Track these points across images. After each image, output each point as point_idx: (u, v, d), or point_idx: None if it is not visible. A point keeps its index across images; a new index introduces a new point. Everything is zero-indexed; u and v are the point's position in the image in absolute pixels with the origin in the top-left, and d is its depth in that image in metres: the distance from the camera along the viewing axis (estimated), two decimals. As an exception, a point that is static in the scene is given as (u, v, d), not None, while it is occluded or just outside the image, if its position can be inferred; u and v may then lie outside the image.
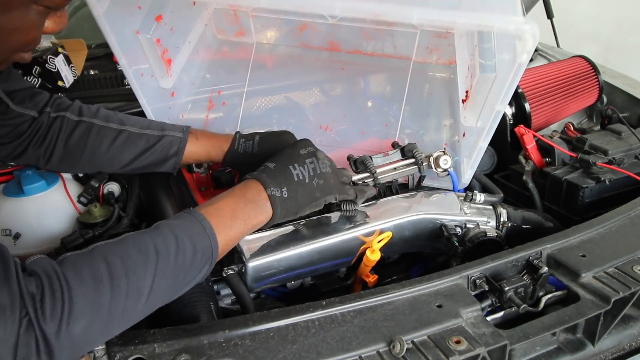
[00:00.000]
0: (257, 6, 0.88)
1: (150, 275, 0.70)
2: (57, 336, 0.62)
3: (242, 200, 0.85)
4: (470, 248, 1.02)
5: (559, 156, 1.30)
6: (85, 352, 0.69)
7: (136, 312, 0.70)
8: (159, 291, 0.72)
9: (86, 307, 0.64)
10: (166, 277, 0.72)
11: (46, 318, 0.61)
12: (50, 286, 0.63)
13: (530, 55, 0.86)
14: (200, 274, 0.78)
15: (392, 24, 1.33)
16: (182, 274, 0.75)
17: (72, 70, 1.63)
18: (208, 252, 0.78)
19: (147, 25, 1.11)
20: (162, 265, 0.71)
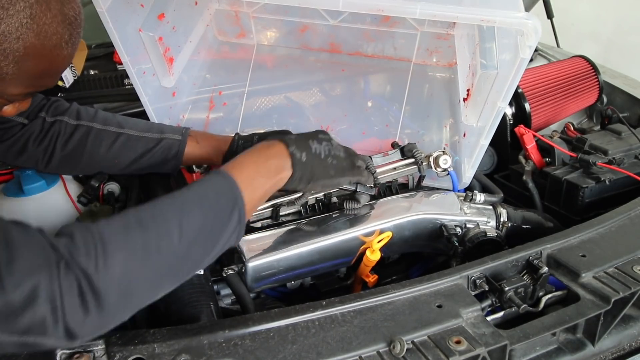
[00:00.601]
0: (262, 2, 0.88)
1: (177, 216, 0.71)
2: (96, 272, 0.62)
3: (264, 155, 0.87)
4: (470, 248, 1.02)
5: (559, 156, 1.30)
6: (137, 300, 0.69)
7: (174, 254, 0.70)
8: (191, 232, 0.72)
9: (118, 245, 0.65)
10: (194, 218, 0.73)
11: (81, 256, 0.62)
12: (81, 232, 0.64)
13: (532, 50, 0.87)
14: (231, 221, 0.77)
15: (392, 25, 1.33)
16: (210, 217, 0.75)
17: (72, 70, 1.63)
18: (231, 197, 0.78)
19: (150, 23, 1.12)
20: (187, 208, 0.73)
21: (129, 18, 1.07)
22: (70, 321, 0.61)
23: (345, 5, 0.86)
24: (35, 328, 0.60)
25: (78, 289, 0.61)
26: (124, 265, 0.65)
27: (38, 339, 0.61)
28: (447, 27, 1.33)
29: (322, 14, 1.30)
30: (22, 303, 0.58)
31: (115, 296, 0.64)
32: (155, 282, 0.70)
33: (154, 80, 1.19)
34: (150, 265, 0.68)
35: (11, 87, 0.69)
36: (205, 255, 0.75)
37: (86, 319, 0.63)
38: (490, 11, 0.84)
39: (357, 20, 1.33)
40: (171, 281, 0.72)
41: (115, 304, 0.65)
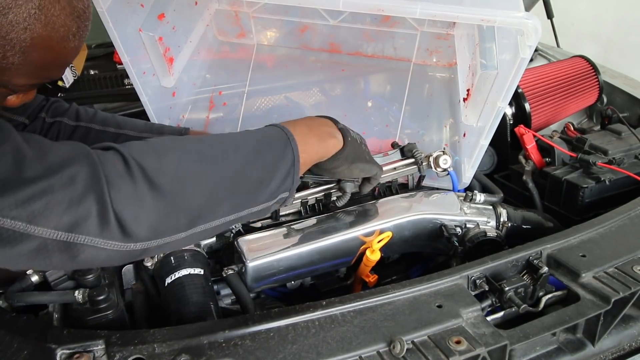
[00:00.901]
0: (262, 2, 0.88)
1: (231, 139, 0.73)
2: (148, 161, 0.61)
3: (317, 122, 0.88)
4: (470, 248, 1.02)
5: (559, 156, 1.30)
6: (193, 203, 0.66)
7: (229, 164, 0.70)
8: (246, 152, 0.72)
9: (172, 147, 0.66)
10: (248, 142, 0.73)
11: (132, 149, 0.62)
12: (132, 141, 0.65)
13: (532, 50, 0.87)
14: (286, 156, 0.76)
15: (392, 25, 1.33)
16: (264, 146, 0.75)
17: (72, 70, 1.63)
18: (284, 137, 0.78)
19: (150, 23, 1.12)
20: (241, 135, 0.74)
21: (129, 18, 1.07)
22: (120, 211, 0.58)
23: (345, 5, 0.86)
24: (81, 220, 0.57)
25: (128, 173, 0.59)
26: (178, 162, 0.63)
27: (87, 238, 0.58)
28: (447, 27, 1.33)
29: (322, 14, 1.30)
30: (63, 191, 0.56)
31: (171, 189, 0.62)
32: (213, 190, 0.68)
33: (154, 80, 1.19)
34: (205, 170, 0.67)
35: (16, 77, 0.68)
36: (262, 183, 0.73)
37: (140, 210, 0.60)
38: (490, 11, 0.84)
39: (357, 20, 1.33)
40: (228, 198, 0.70)
41: (172, 198, 0.62)
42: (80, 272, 0.88)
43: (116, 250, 0.61)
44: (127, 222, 0.59)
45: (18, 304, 0.85)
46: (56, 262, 0.59)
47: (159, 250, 0.66)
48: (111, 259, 0.62)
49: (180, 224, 0.65)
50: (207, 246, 1.01)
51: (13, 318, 0.77)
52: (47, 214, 0.55)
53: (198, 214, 0.67)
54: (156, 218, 0.62)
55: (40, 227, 0.55)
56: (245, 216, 0.74)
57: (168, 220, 0.64)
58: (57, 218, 0.56)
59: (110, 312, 0.85)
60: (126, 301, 0.95)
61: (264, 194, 0.74)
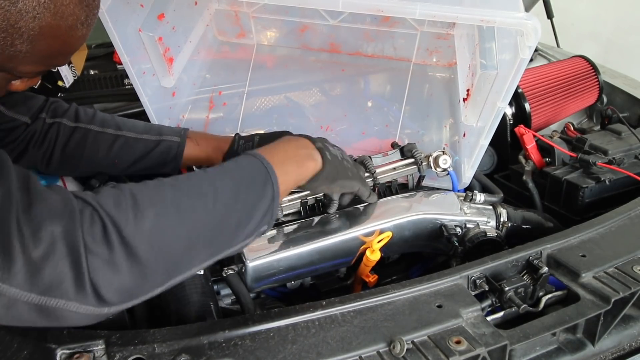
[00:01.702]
0: (262, 2, 0.88)
1: (209, 182, 0.71)
2: (126, 222, 0.59)
3: (294, 145, 0.87)
4: (470, 248, 1.02)
5: (559, 156, 1.30)
6: (171, 260, 0.64)
7: (207, 214, 0.68)
8: (225, 197, 0.70)
9: (151, 201, 0.63)
10: (226, 185, 0.71)
11: (110, 205, 0.59)
12: (108, 188, 0.63)
13: (532, 51, 0.87)
14: (265, 194, 0.74)
15: (392, 25, 1.33)
16: (243, 187, 0.73)
17: (72, 70, 1.63)
18: (263, 171, 0.76)
19: (150, 23, 1.12)
20: (219, 177, 0.72)
21: (128, 18, 1.07)
22: (96, 278, 0.57)
23: (345, 5, 0.86)
24: (56, 284, 0.55)
25: (105, 238, 0.58)
26: (156, 220, 0.62)
27: (61, 301, 0.56)
28: (447, 27, 1.33)
29: (322, 14, 1.30)
30: (41, 252, 0.55)
31: (148, 252, 0.61)
32: (190, 243, 0.66)
33: (153, 80, 1.19)
34: (183, 223, 0.65)
35: (23, 64, 0.68)
36: (240, 226, 0.72)
37: (115, 276, 0.59)
38: (490, 11, 0.84)
39: (357, 20, 1.33)
40: (206, 247, 0.69)
41: (148, 260, 0.61)
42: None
43: (89, 314, 0.60)
44: (102, 289, 0.58)
45: (18, 304, 0.85)
46: (27, 320, 0.58)
47: (134, 305, 0.65)
48: (83, 320, 0.61)
49: (156, 282, 0.65)
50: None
51: (13, 318, 0.77)
52: (20, 274, 0.54)
53: (175, 268, 0.66)
54: (132, 282, 0.61)
55: (13, 288, 0.54)
56: (223, 257, 0.73)
57: (144, 282, 0.63)
58: (31, 280, 0.55)
59: (110, 312, 0.85)
60: (126, 301, 0.94)
61: (242, 234, 0.73)
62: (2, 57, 0.65)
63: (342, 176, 0.92)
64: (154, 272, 0.63)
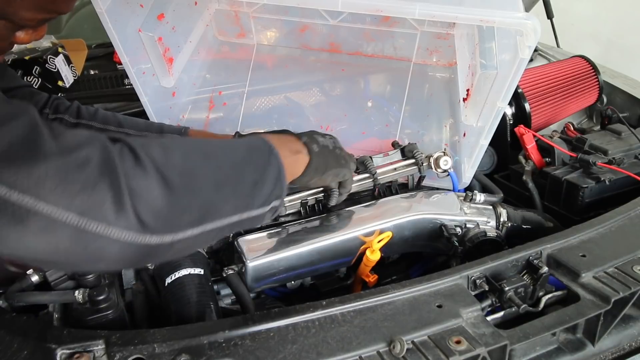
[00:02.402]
0: (262, 2, 0.88)
1: (223, 141, 0.75)
2: (155, 155, 0.60)
3: (283, 139, 0.89)
4: (470, 248, 1.02)
5: (559, 156, 1.30)
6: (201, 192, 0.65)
7: (227, 160, 0.71)
8: (239, 155, 0.73)
9: (175, 143, 0.67)
10: (238, 146, 0.76)
11: (139, 145, 0.60)
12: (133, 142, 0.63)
13: (532, 51, 0.87)
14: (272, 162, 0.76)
15: (392, 25, 1.33)
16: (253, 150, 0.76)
17: (72, 70, 1.63)
18: (265, 146, 0.77)
19: (149, 24, 1.12)
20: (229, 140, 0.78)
21: (128, 18, 1.07)
22: (135, 200, 0.56)
23: (345, 5, 0.86)
24: (95, 205, 0.54)
25: (138, 165, 0.58)
26: (184, 157, 0.64)
27: (101, 225, 0.54)
28: (447, 27, 1.33)
29: (322, 14, 1.30)
30: (77, 169, 0.53)
31: (180, 183, 0.61)
32: (216, 184, 0.68)
33: (153, 80, 1.19)
34: (208, 164, 0.68)
35: (22, 9, 0.66)
36: (257, 186, 0.73)
37: (153, 201, 0.58)
38: (490, 11, 0.84)
39: (357, 20, 1.33)
40: (232, 195, 0.70)
41: (182, 192, 0.61)
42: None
43: (130, 243, 0.57)
44: (142, 212, 0.57)
45: (18, 304, 0.85)
46: (64, 251, 0.55)
47: (171, 249, 0.63)
48: (123, 254, 0.58)
49: (192, 219, 0.64)
50: (207, 246, 1.01)
51: (13, 318, 0.77)
52: (58, 191, 0.52)
53: (206, 210, 0.67)
54: (169, 210, 0.60)
55: (50, 205, 0.52)
56: (246, 220, 0.74)
57: (180, 213, 0.63)
58: (69, 198, 0.52)
59: (110, 312, 0.85)
60: (126, 301, 0.94)
61: (259, 196, 0.74)
62: (1, 2, 0.63)
63: (333, 165, 0.93)
64: (188, 205, 0.64)
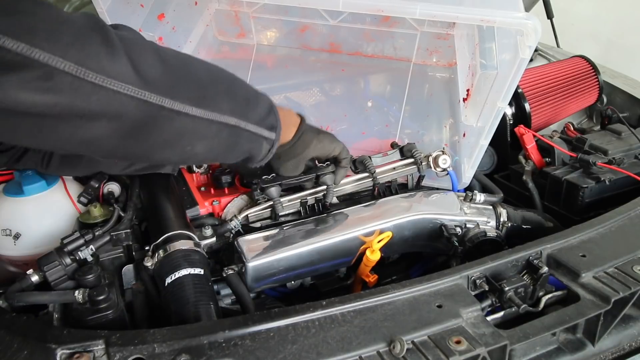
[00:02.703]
0: (262, 2, 0.88)
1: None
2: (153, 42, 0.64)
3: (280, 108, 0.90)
4: (470, 248, 1.02)
5: (559, 156, 1.30)
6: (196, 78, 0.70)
7: (221, 72, 0.75)
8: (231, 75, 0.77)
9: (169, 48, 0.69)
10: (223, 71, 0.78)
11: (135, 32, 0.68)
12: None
13: (532, 51, 0.87)
14: (262, 98, 0.80)
15: (392, 25, 1.33)
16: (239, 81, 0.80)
17: (72, 71, 1.62)
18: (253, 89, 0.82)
19: (150, 23, 1.12)
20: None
21: (129, 18, 1.07)
22: (131, 51, 0.57)
23: (345, 5, 0.86)
24: (91, 55, 0.53)
25: (134, 37, 0.59)
26: (179, 53, 0.68)
27: (99, 76, 0.54)
28: (447, 27, 1.33)
29: (322, 14, 1.30)
30: (69, 18, 0.54)
31: (175, 62, 0.64)
32: (212, 78, 0.71)
33: (153, 80, 1.19)
34: (204, 64, 0.72)
35: None
36: (249, 102, 0.76)
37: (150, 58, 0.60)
38: (490, 11, 0.84)
39: (357, 20, 1.33)
40: (225, 93, 0.72)
41: (176, 68, 0.64)
42: (81, 271, 0.88)
43: (131, 96, 0.56)
44: (138, 64, 0.57)
45: (18, 304, 0.85)
46: (67, 104, 0.54)
47: (172, 124, 0.63)
48: (124, 109, 0.57)
49: (189, 95, 0.64)
50: (207, 246, 1.01)
51: (13, 318, 0.77)
52: (52, 39, 0.51)
53: (203, 95, 0.67)
54: (165, 75, 0.61)
55: (45, 53, 0.51)
56: (244, 131, 0.75)
57: (177, 83, 0.63)
58: (64, 48, 0.52)
59: (110, 312, 0.85)
60: (126, 301, 0.94)
61: (254, 112, 0.77)
62: None
63: (323, 138, 0.98)
64: (185, 80, 0.65)
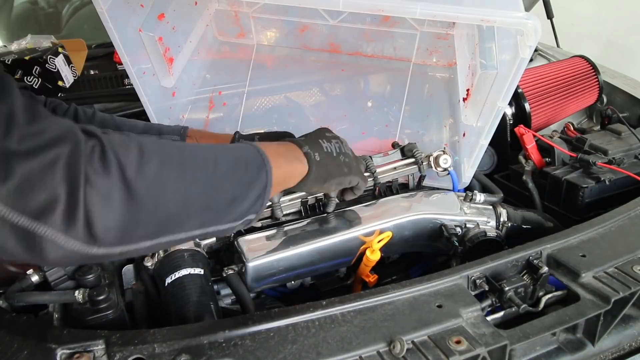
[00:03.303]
0: (262, 2, 0.88)
1: (212, 150, 0.71)
2: (130, 162, 0.58)
3: (282, 147, 0.87)
4: (470, 248, 1.02)
5: (559, 156, 1.30)
6: (165, 209, 0.63)
7: (207, 177, 0.68)
8: (225, 166, 0.71)
9: (156, 151, 0.62)
10: (228, 157, 0.72)
11: (117, 145, 0.58)
12: (119, 133, 0.62)
13: (532, 50, 0.87)
14: (260, 177, 0.75)
15: (392, 25, 1.33)
16: (241, 163, 0.74)
17: (72, 70, 1.63)
18: (258, 157, 0.76)
19: (150, 23, 1.12)
20: (220, 149, 0.73)
21: (129, 18, 1.07)
22: (91, 211, 0.54)
23: (346, 5, 0.86)
24: (48, 210, 0.52)
25: (106, 172, 0.55)
26: (159, 169, 0.61)
27: (49, 230, 0.53)
28: (447, 27, 1.33)
29: (322, 14, 1.30)
30: (39, 170, 0.52)
31: (146, 197, 0.59)
32: (187, 201, 0.66)
33: (153, 80, 1.19)
34: (184, 178, 0.65)
35: None
36: (234, 202, 0.72)
37: (110, 213, 0.56)
38: (490, 11, 0.84)
39: (357, 20, 1.33)
40: (200, 212, 0.68)
41: (145, 206, 0.59)
42: (81, 271, 0.88)
43: (76, 252, 0.56)
44: (95, 224, 0.55)
45: (18, 304, 0.85)
46: (9, 249, 0.54)
47: (119, 257, 0.62)
48: (68, 259, 0.57)
49: (147, 233, 0.62)
50: (207, 246, 1.01)
51: (13, 318, 0.77)
52: (16, 193, 0.51)
53: (167, 225, 0.65)
54: (125, 223, 0.58)
55: (6, 207, 0.51)
56: (210, 233, 0.73)
57: (137, 227, 0.60)
58: (25, 203, 0.51)
59: (110, 312, 0.85)
60: (126, 301, 0.95)
61: (234, 213, 0.73)
62: None
63: (335, 174, 0.91)
64: (148, 220, 0.61)
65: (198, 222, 0.69)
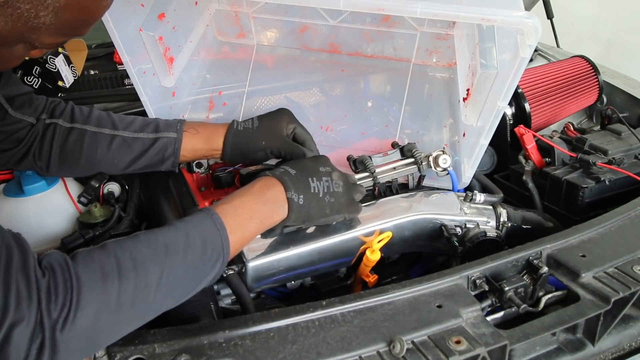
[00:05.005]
0: (262, 2, 0.88)
1: (159, 269, 0.71)
2: (63, 326, 0.61)
3: (262, 199, 0.87)
4: (470, 248, 1.02)
5: (559, 156, 1.30)
6: (95, 347, 0.68)
7: (146, 306, 0.70)
8: (169, 286, 0.72)
9: (94, 297, 0.64)
10: (176, 271, 0.73)
11: (55, 307, 0.61)
12: (62, 276, 0.63)
13: (532, 50, 0.87)
14: (213, 271, 0.78)
15: (392, 25, 1.33)
16: (192, 269, 0.75)
17: (72, 70, 1.63)
18: (219, 248, 0.78)
19: (150, 23, 1.12)
20: (170, 259, 0.72)
21: (129, 18, 1.07)
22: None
23: (346, 4, 0.86)
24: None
25: (40, 342, 0.60)
26: (94, 319, 0.65)
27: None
28: (447, 27, 1.33)
29: (322, 14, 1.30)
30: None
31: (75, 348, 0.64)
32: (121, 331, 0.70)
33: (154, 80, 1.19)
34: (120, 318, 0.68)
35: (45, 36, 0.68)
36: (177, 301, 0.76)
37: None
38: (491, 10, 0.84)
39: (357, 20, 1.33)
40: (136, 326, 0.72)
41: (74, 350, 0.64)
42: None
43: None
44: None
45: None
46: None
47: None
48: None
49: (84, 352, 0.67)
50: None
51: (13, 318, 0.77)
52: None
53: (98, 350, 0.70)
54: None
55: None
56: None
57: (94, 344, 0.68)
58: None
59: (110, 312, 0.85)
60: (126, 301, 0.94)
61: (184, 298, 0.78)
62: (25, 28, 0.65)
63: (315, 217, 0.92)
64: (76, 357, 0.66)
65: (136, 327, 0.72)
